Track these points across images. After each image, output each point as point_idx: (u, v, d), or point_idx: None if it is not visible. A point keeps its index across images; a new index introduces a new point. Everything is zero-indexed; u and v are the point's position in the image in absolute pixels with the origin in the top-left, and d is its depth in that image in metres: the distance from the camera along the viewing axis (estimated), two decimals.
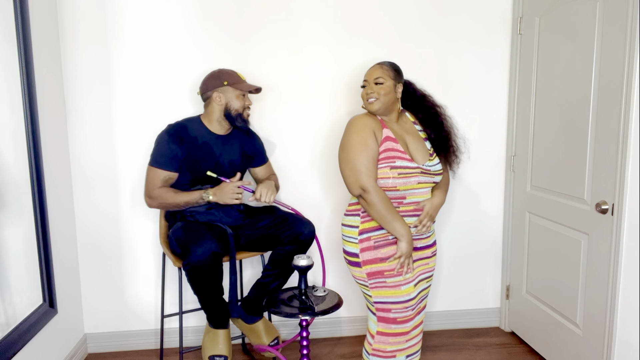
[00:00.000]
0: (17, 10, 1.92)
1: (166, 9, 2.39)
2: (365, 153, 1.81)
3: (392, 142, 1.85)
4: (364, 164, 1.80)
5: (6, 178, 1.86)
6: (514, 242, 2.65)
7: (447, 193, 2.06)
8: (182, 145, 2.11)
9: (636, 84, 1.76)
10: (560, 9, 2.18)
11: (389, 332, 1.88)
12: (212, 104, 2.17)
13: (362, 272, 1.87)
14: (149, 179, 2.13)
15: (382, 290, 1.86)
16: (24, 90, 1.97)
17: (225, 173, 2.19)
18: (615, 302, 1.90)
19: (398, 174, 1.82)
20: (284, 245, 2.14)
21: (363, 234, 1.86)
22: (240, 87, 2.16)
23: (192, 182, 2.16)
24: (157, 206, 2.14)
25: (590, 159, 2.01)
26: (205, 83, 2.18)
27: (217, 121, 2.19)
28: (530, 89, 2.44)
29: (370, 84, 1.92)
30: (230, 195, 2.09)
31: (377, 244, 1.85)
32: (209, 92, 2.16)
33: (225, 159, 2.20)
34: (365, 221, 1.87)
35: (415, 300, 1.90)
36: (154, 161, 2.12)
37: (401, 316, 1.88)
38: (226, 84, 2.15)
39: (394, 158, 1.83)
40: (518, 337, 2.69)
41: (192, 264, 1.92)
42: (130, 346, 2.61)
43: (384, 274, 1.84)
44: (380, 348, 1.90)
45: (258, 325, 2.29)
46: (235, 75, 2.18)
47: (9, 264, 1.86)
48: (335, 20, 2.49)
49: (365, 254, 1.86)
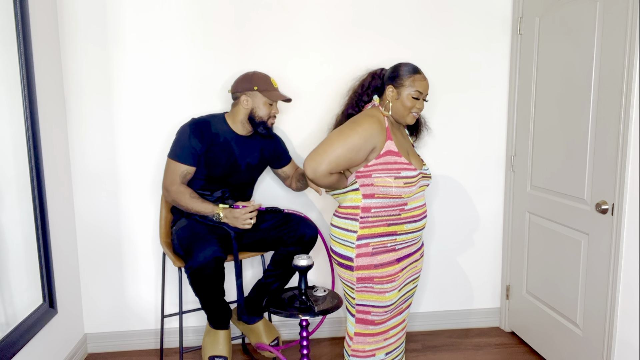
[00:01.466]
0: (17, 10, 1.92)
1: (166, 9, 2.39)
2: (348, 146, 1.74)
3: (394, 157, 1.80)
4: (336, 154, 1.73)
5: (6, 178, 1.86)
6: (514, 242, 2.65)
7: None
8: (203, 140, 2.10)
9: (636, 84, 1.76)
10: (560, 9, 2.18)
11: (366, 332, 1.88)
12: (239, 106, 2.16)
13: (352, 276, 1.84)
14: (168, 172, 2.12)
15: (367, 295, 1.84)
16: (24, 90, 1.97)
17: (241, 173, 2.19)
18: (615, 302, 1.90)
19: (404, 184, 1.78)
20: (286, 246, 2.14)
21: (362, 239, 1.82)
22: (269, 95, 2.14)
23: (206, 178, 2.16)
24: (171, 202, 2.15)
25: (590, 159, 2.01)
26: (237, 83, 2.17)
27: (240, 123, 2.18)
28: (530, 88, 2.44)
29: (422, 100, 1.86)
30: (242, 222, 2.08)
31: (375, 250, 1.82)
32: (238, 93, 2.15)
33: (243, 160, 2.20)
34: (364, 227, 1.82)
35: (395, 305, 1.89)
36: (173, 154, 2.12)
37: (379, 319, 1.87)
38: (256, 89, 2.13)
39: (398, 169, 1.79)
40: (518, 337, 2.69)
41: (195, 268, 1.92)
42: (130, 346, 2.61)
43: (374, 280, 1.83)
44: (359, 348, 1.89)
45: (258, 326, 2.29)
46: (268, 82, 2.16)
47: (9, 263, 1.86)
48: (335, 20, 2.49)
49: (361, 259, 1.82)
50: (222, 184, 2.19)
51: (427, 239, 2.72)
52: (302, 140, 2.56)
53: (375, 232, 1.82)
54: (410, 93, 1.82)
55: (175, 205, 2.15)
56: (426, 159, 2.65)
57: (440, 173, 2.68)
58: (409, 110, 1.84)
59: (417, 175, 1.83)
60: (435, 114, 2.62)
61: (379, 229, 1.82)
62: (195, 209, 2.09)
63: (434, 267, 2.75)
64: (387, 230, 1.82)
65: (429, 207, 2.70)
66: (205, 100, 2.46)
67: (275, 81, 2.20)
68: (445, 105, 2.63)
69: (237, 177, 2.21)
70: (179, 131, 2.14)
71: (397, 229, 1.84)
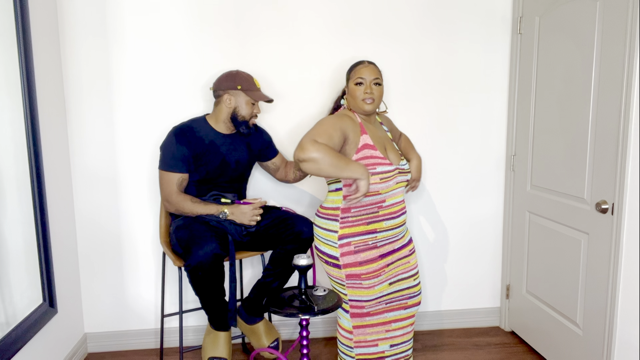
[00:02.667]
0: (17, 10, 1.92)
1: (165, 8, 2.39)
2: (326, 134, 1.75)
3: (370, 150, 1.87)
4: (318, 133, 1.74)
5: (6, 178, 1.86)
6: (514, 241, 2.66)
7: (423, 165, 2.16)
8: (190, 145, 2.11)
9: (636, 84, 1.76)
10: (560, 8, 2.18)
11: (364, 324, 1.95)
12: (222, 105, 2.17)
13: (341, 273, 1.91)
14: (163, 184, 2.12)
15: (357, 290, 1.92)
16: (24, 90, 1.97)
17: (231, 171, 2.20)
18: (615, 301, 1.90)
19: (380, 179, 1.85)
20: (284, 244, 2.14)
21: (343, 239, 1.89)
22: (252, 95, 2.15)
23: (198, 181, 2.16)
24: (175, 211, 2.15)
25: (590, 158, 2.01)
26: (219, 81, 2.17)
27: (223, 122, 2.19)
28: (530, 88, 2.44)
29: (369, 84, 1.91)
30: (249, 217, 2.10)
31: (357, 248, 1.89)
32: (221, 92, 2.16)
33: (231, 158, 2.20)
34: (344, 227, 1.90)
35: (390, 297, 1.96)
36: (164, 165, 2.12)
37: (374, 310, 1.94)
38: (239, 89, 2.14)
39: (374, 165, 1.85)
40: (518, 336, 2.69)
41: (193, 265, 1.92)
42: (130, 346, 2.61)
43: (361, 277, 1.90)
44: (360, 339, 1.96)
45: (259, 327, 2.30)
46: (251, 81, 2.17)
47: (9, 263, 1.86)
48: (334, 19, 2.49)
49: (346, 258, 1.90)
50: (214, 185, 2.19)
51: (428, 239, 2.72)
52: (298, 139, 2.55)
53: (355, 231, 1.89)
54: (353, 81, 1.94)
55: (179, 213, 2.14)
56: (426, 158, 2.65)
57: (440, 172, 2.68)
58: (358, 98, 1.92)
59: (394, 170, 1.88)
60: (435, 114, 2.62)
61: (359, 227, 1.90)
62: (200, 212, 2.10)
63: (433, 266, 2.75)
64: (367, 228, 1.90)
65: (429, 206, 2.70)
66: (205, 99, 2.46)
67: (257, 81, 2.21)
68: (445, 105, 2.63)
69: (228, 176, 2.21)
70: (163, 142, 2.14)
71: (377, 226, 1.91)
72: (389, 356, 2.00)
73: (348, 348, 1.98)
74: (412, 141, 2.62)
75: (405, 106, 2.59)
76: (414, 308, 2.04)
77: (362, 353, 1.97)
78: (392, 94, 2.57)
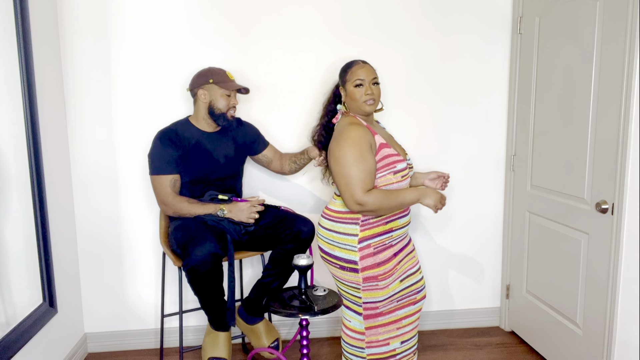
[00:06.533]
0: (17, 10, 1.92)
1: (165, 8, 2.39)
2: (362, 166, 1.78)
3: (387, 149, 1.87)
4: (359, 178, 1.78)
5: (6, 177, 1.86)
6: (514, 241, 2.65)
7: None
8: (175, 147, 2.12)
9: (636, 84, 1.76)
10: (560, 8, 2.18)
11: (376, 324, 1.94)
12: (198, 102, 2.18)
13: (358, 277, 1.89)
14: (157, 188, 2.13)
15: (373, 292, 1.90)
16: (24, 89, 1.97)
17: (221, 168, 2.20)
18: (615, 301, 1.90)
19: (402, 177, 1.86)
20: (284, 244, 2.14)
21: (363, 241, 1.87)
22: (225, 86, 2.15)
23: (192, 183, 2.16)
24: (173, 213, 2.15)
25: (590, 158, 2.01)
26: (193, 80, 2.19)
27: (203, 119, 2.20)
28: (530, 88, 2.43)
29: (369, 85, 1.90)
30: (247, 214, 2.10)
31: (376, 249, 1.88)
32: (196, 89, 2.17)
33: (219, 155, 2.20)
34: (365, 229, 1.87)
35: (400, 294, 1.95)
36: (154, 169, 2.12)
37: (387, 309, 1.94)
38: (211, 82, 2.14)
39: (394, 163, 1.85)
40: (518, 336, 2.69)
41: (192, 265, 1.92)
42: (130, 346, 2.61)
43: (378, 278, 1.88)
44: (373, 339, 1.95)
45: (259, 327, 2.29)
46: (223, 74, 2.17)
47: (9, 263, 1.86)
48: (334, 20, 2.49)
49: (365, 260, 1.87)
50: (206, 184, 2.19)
51: (428, 239, 2.72)
52: (298, 141, 2.56)
53: (375, 232, 1.88)
54: (352, 83, 1.90)
55: (178, 215, 2.14)
56: (426, 158, 2.65)
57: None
58: (359, 100, 1.89)
59: (406, 167, 1.89)
60: (435, 114, 2.62)
61: (379, 228, 1.88)
62: (199, 213, 2.10)
63: (434, 266, 2.75)
64: (385, 228, 1.89)
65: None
66: None
67: (231, 74, 2.21)
68: (445, 105, 2.63)
69: (219, 173, 2.21)
70: (150, 149, 2.14)
71: (393, 225, 1.91)
72: (399, 353, 1.99)
73: (358, 349, 1.96)
74: (412, 141, 2.62)
75: (406, 106, 2.59)
76: (421, 302, 2.05)
77: (373, 353, 1.96)
78: (392, 94, 2.57)
